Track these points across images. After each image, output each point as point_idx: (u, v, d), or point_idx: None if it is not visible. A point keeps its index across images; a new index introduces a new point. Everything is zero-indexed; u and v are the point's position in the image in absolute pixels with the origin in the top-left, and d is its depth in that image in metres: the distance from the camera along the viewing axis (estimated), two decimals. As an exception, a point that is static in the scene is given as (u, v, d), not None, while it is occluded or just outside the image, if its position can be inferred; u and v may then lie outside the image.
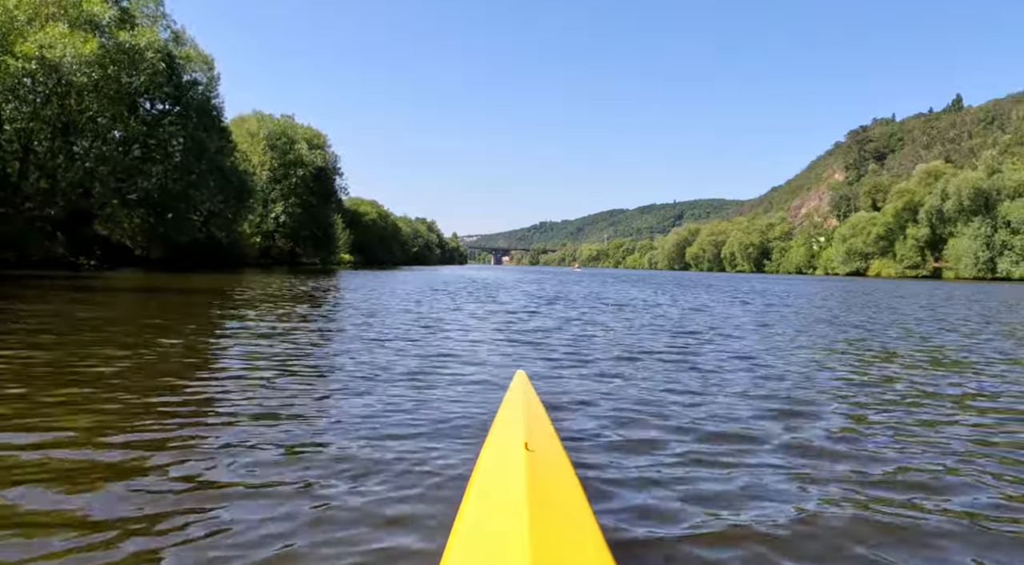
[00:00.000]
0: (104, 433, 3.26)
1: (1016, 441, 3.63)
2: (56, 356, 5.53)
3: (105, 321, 8.89)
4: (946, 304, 19.76)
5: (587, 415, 3.98)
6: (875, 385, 5.30)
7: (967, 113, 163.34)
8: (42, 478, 2.62)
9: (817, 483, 2.87)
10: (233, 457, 2.96)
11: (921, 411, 4.35)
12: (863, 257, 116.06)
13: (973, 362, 6.82)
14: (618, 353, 6.79)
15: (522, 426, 2.40)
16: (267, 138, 61.17)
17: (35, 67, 27.52)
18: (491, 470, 2.09)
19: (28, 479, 2.61)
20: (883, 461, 3.20)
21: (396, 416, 3.80)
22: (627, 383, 5.08)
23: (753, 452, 3.30)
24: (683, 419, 3.93)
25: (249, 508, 2.39)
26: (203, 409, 3.85)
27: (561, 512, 1.72)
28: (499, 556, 1.43)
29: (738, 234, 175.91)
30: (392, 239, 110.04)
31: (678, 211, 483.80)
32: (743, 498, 2.67)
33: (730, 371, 5.79)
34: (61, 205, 32.44)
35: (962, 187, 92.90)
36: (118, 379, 4.65)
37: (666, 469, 2.99)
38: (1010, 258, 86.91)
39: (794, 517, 2.48)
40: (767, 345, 7.87)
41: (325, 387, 4.63)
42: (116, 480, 2.63)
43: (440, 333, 8.32)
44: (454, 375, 5.24)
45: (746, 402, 4.47)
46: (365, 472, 2.80)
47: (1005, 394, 5.05)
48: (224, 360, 5.74)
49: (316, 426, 3.54)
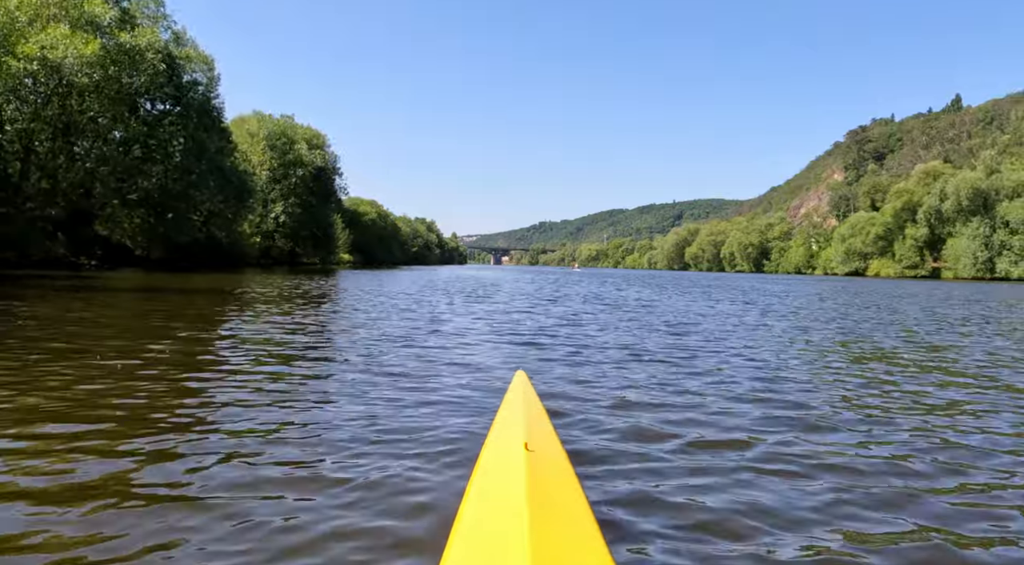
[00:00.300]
0: (103, 432, 3.30)
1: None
2: (51, 357, 5.56)
3: (105, 321, 8.95)
4: (944, 305, 19.82)
5: (587, 415, 3.99)
6: (876, 387, 5.34)
7: (966, 113, 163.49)
8: (31, 485, 2.61)
9: (819, 485, 2.87)
10: (231, 458, 2.96)
11: (916, 412, 4.40)
12: (862, 257, 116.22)
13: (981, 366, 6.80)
14: (618, 353, 6.82)
15: (522, 426, 2.41)
16: (267, 138, 61.20)
17: (37, 68, 27.61)
18: (491, 470, 2.10)
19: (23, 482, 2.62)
20: (884, 464, 3.20)
21: (396, 416, 3.81)
22: (627, 383, 5.09)
23: (753, 453, 3.31)
24: (683, 419, 3.96)
25: (247, 509, 2.40)
26: (202, 409, 3.88)
27: (561, 512, 1.73)
28: (499, 556, 1.44)
29: (737, 234, 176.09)
30: (391, 239, 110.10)
31: (677, 211, 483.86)
32: (743, 498, 2.68)
33: (731, 372, 5.81)
34: (62, 205, 32.53)
35: (961, 187, 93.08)
36: (116, 378, 4.68)
37: (666, 469, 3.01)
38: (1009, 258, 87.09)
39: (793, 516, 2.51)
40: (766, 346, 7.90)
41: (324, 387, 4.64)
42: (108, 481, 2.64)
43: (439, 333, 8.34)
44: (454, 375, 5.25)
45: (746, 403, 4.49)
46: (364, 472, 2.81)
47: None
48: (223, 360, 5.75)
49: (315, 426, 3.55)
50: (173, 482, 2.68)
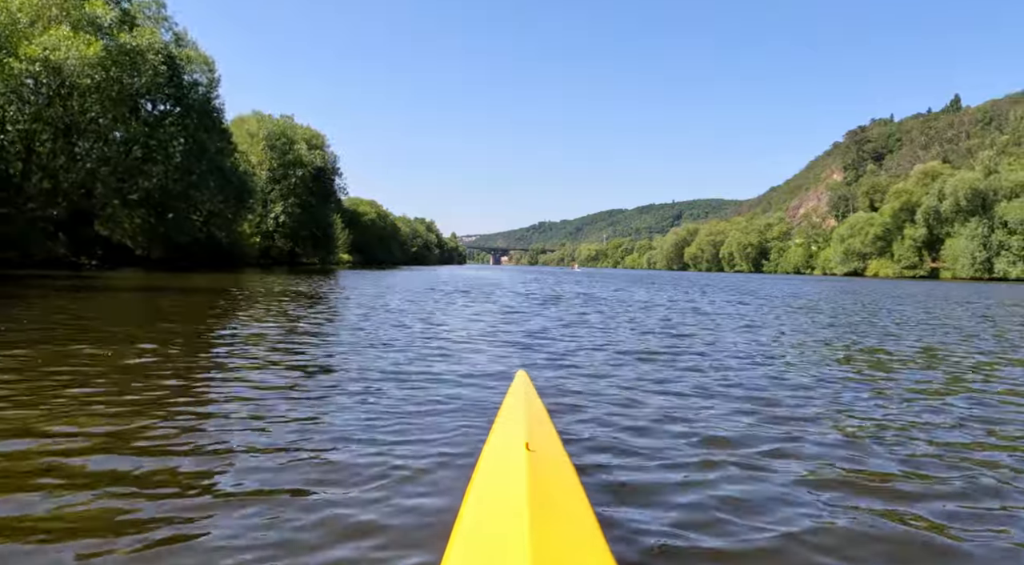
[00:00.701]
0: (101, 433, 3.32)
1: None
2: (50, 354, 5.61)
3: (105, 320, 9.02)
4: (941, 305, 19.88)
5: (588, 415, 3.99)
6: (875, 389, 5.34)
7: (965, 113, 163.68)
8: (39, 480, 2.65)
9: (820, 487, 2.87)
10: (229, 459, 2.96)
11: (913, 408, 4.46)
12: (861, 257, 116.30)
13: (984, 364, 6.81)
14: (619, 354, 6.82)
15: (523, 426, 2.41)
16: (266, 138, 61.30)
17: (39, 69, 27.75)
18: (492, 470, 2.10)
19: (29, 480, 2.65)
20: (888, 468, 3.18)
21: (396, 416, 3.81)
22: (628, 384, 5.09)
23: (753, 453, 3.30)
24: (684, 419, 3.97)
25: (245, 510, 2.40)
26: (200, 410, 3.89)
27: (562, 512, 1.73)
28: (500, 556, 1.44)
29: (736, 234, 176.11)
30: (391, 239, 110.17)
31: (677, 211, 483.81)
32: (742, 498, 2.68)
33: (731, 372, 5.80)
34: (63, 205, 32.68)
35: (959, 187, 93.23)
36: (114, 378, 4.70)
37: (667, 469, 3.02)
38: (1007, 258, 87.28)
39: (794, 516, 2.51)
40: (766, 346, 7.91)
41: (324, 388, 4.61)
42: (105, 479, 2.66)
43: (440, 333, 8.33)
44: (454, 375, 5.25)
45: (747, 404, 4.48)
46: (365, 473, 2.81)
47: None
48: (222, 361, 5.73)
49: (315, 427, 3.55)
50: (169, 477, 2.70)
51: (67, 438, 3.21)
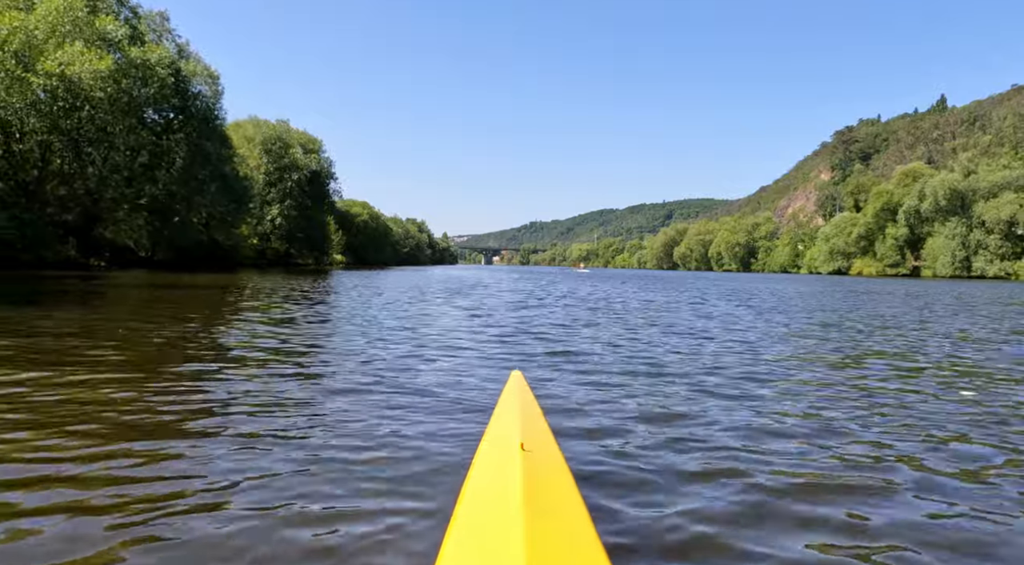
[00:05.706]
0: (98, 432, 3.37)
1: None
2: (53, 352, 5.86)
3: (104, 320, 9.29)
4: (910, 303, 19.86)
5: (583, 415, 3.97)
6: (871, 390, 5.22)
7: (950, 114, 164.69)
8: (36, 476, 2.71)
9: (821, 487, 2.88)
10: (227, 459, 2.98)
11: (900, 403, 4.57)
12: (845, 256, 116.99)
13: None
14: (615, 354, 6.77)
15: (518, 427, 2.40)
16: (263, 143, 62.44)
17: (56, 83, 29.34)
18: (487, 471, 2.09)
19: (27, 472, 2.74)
20: (872, 462, 3.23)
21: (391, 417, 3.79)
22: (624, 384, 5.07)
23: (752, 453, 3.30)
24: (681, 419, 3.97)
25: (243, 510, 2.42)
26: (198, 409, 3.89)
27: (557, 513, 1.72)
28: (494, 557, 1.43)
29: (725, 234, 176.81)
30: (383, 240, 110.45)
31: (668, 211, 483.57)
32: (740, 497, 2.70)
33: (732, 371, 5.80)
34: (76, 210, 34.36)
35: (938, 188, 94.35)
36: (112, 378, 4.77)
37: (664, 469, 3.02)
38: (984, 257, 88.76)
39: (794, 516, 2.54)
40: (764, 346, 7.84)
41: (318, 389, 4.59)
42: (104, 476, 2.72)
43: (434, 334, 8.27)
44: (449, 375, 5.24)
45: (747, 404, 4.44)
46: (360, 473, 2.83)
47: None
48: (221, 360, 5.72)
49: (310, 428, 3.55)
50: (168, 476, 2.75)
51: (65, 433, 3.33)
